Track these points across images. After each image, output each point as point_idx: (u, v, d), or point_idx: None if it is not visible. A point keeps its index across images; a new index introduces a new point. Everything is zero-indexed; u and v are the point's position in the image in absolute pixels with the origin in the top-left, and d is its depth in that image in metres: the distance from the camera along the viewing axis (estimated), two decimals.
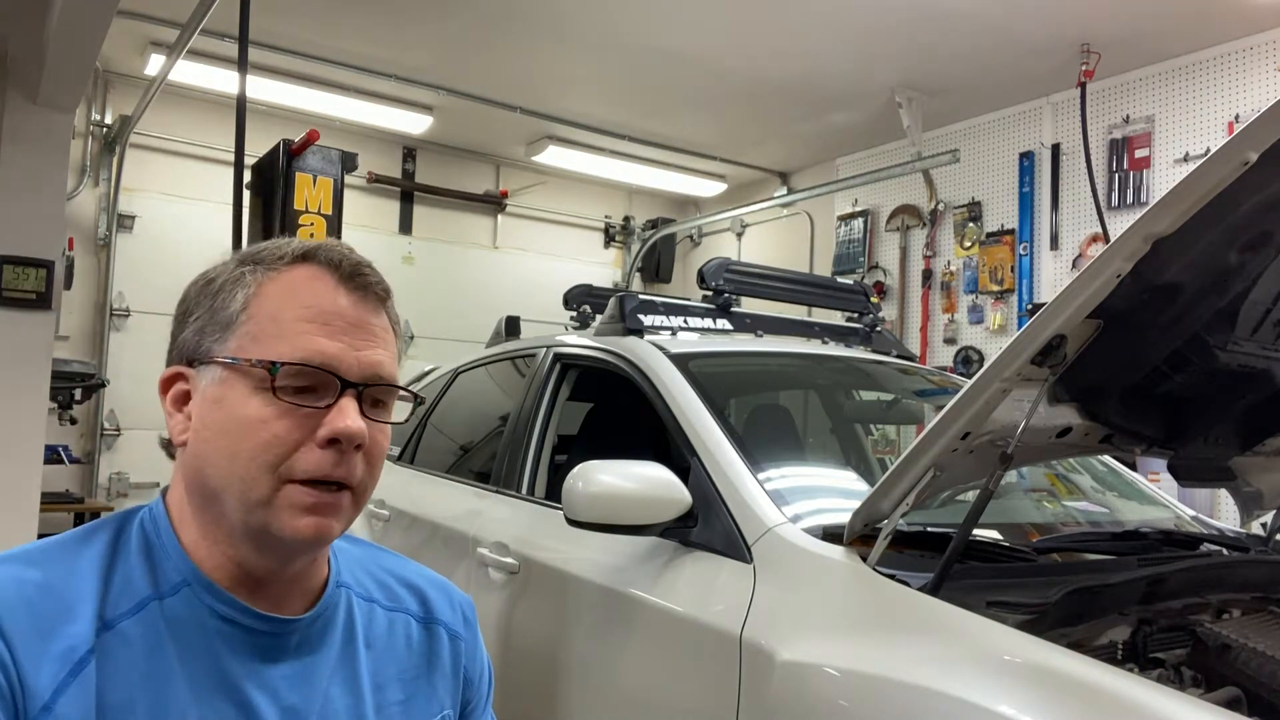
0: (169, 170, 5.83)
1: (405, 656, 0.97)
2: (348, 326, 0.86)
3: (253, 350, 0.83)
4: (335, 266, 0.88)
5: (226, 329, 0.85)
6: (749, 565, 1.66)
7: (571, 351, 2.64)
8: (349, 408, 0.83)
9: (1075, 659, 1.21)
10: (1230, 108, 4.51)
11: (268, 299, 0.86)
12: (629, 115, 6.00)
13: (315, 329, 0.84)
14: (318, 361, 0.83)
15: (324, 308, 0.86)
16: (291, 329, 0.84)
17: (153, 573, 0.84)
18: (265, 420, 0.81)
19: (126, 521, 0.88)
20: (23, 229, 3.84)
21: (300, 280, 0.87)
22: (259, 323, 0.85)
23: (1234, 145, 1.12)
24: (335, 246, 0.90)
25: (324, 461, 0.82)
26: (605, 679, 1.87)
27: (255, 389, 0.82)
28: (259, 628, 0.85)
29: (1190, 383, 1.56)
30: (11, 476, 3.77)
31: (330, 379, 0.83)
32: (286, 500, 0.81)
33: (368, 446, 0.85)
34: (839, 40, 4.69)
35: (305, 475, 0.82)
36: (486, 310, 5.15)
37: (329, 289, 0.87)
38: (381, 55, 5.21)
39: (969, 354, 5.49)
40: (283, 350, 0.83)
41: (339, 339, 0.85)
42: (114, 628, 0.79)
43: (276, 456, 0.81)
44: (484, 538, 2.40)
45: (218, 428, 0.83)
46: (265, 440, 0.81)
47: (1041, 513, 2.33)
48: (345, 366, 0.84)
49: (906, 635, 1.37)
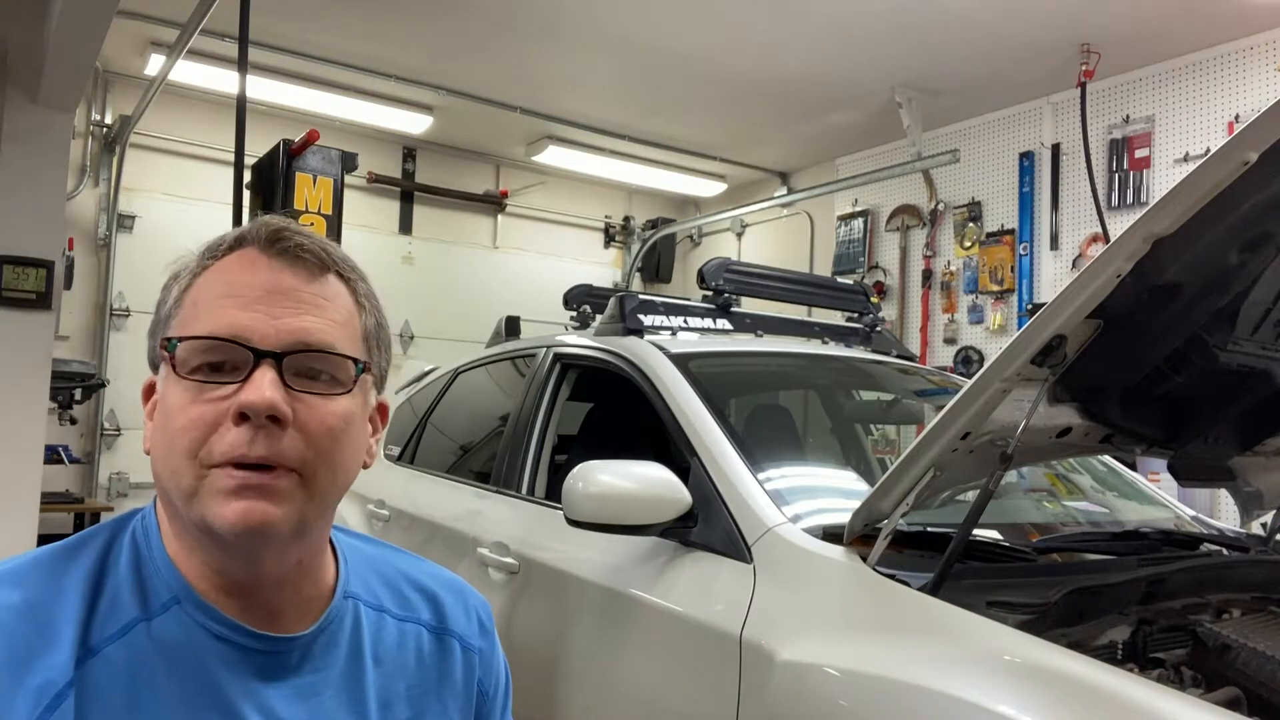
0: (169, 170, 5.83)
1: (415, 672, 0.91)
2: (265, 295, 0.79)
3: (174, 335, 0.80)
4: (257, 237, 0.82)
5: (164, 326, 0.82)
6: (749, 565, 1.66)
7: (571, 351, 2.64)
8: (259, 378, 0.76)
9: (1075, 659, 1.21)
10: (1230, 108, 4.51)
11: (197, 288, 0.81)
12: (629, 115, 6.00)
13: (229, 303, 0.78)
14: (223, 333, 0.77)
15: (241, 281, 0.80)
16: (208, 308, 0.79)
17: (141, 590, 0.79)
18: (182, 406, 0.77)
19: (119, 531, 0.83)
20: (23, 229, 3.84)
21: (230, 263, 0.82)
22: (184, 310, 0.81)
23: (1234, 145, 1.12)
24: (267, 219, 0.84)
25: (239, 440, 0.75)
26: (605, 679, 1.87)
27: (177, 378, 0.78)
28: (255, 646, 0.80)
29: (1190, 383, 1.56)
30: (11, 476, 3.78)
31: (242, 351, 0.77)
32: (210, 487, 0.75)
33: (302, 422, 0.77)
34: (839, 40, 4.69)
35: (223, 457, 0.75)
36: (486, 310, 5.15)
37: (251, 262, 0.81)
38: (381, 55, 5.21)
39: (969, 354, 5.49)
40: (191, 329, 0.78)
41: (252, 308, 0.78)
42: (98, 653, 0.74)
43: (193, 441, 0.75)
44: (484, 538, 2.40)
45: (159, 424, 0.80)
46: (182, 426, 0.76)
47: (1041, 513, 2.33)
48: (259, 335, 0.77)
49: (906, 635, 1.37)
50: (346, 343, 0.83)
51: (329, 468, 0.80)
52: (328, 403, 0.80)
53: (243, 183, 3.50)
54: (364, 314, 0.86)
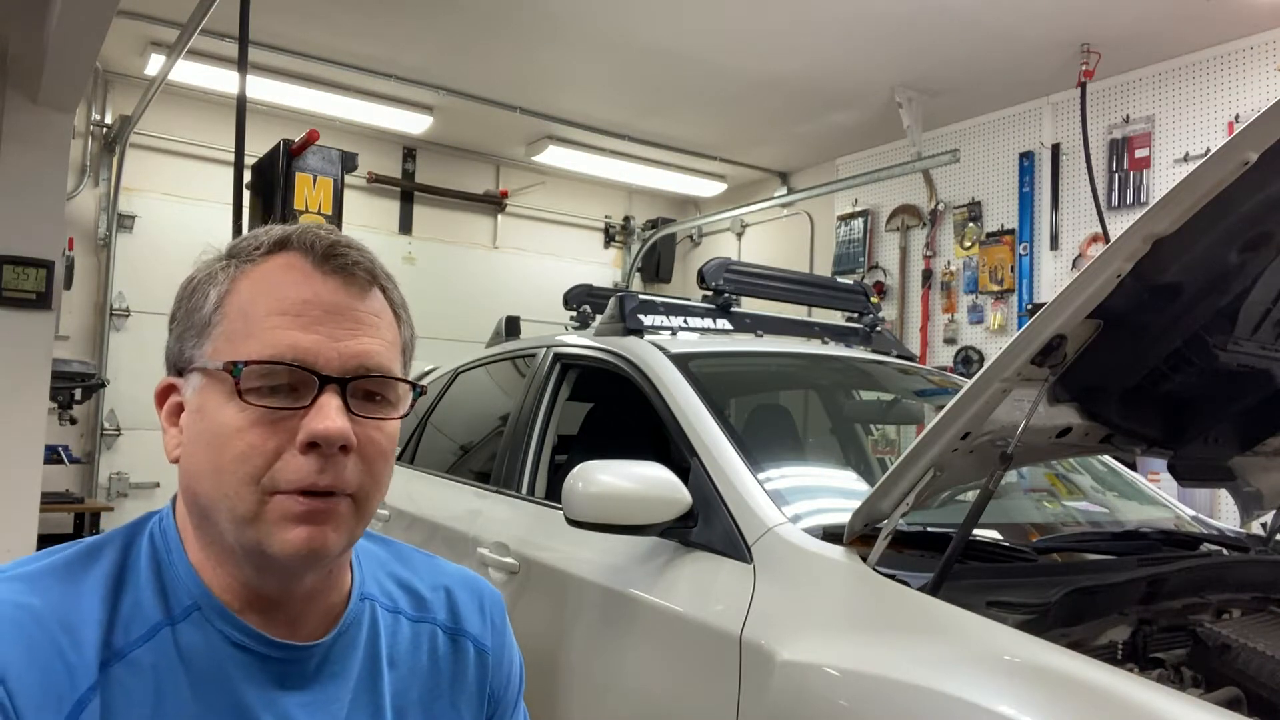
0: (169, 170, 5.83)
1: (429, 675, 0.91)
2: (324, 315, 0.77)
3: (226, 352, 0.76)
4: (309, 249, 0.79)
5: (202, 332, 0.78)
6: (749, 565, 1.66)
7: (571, 351, 2.64)
8: (328, 405, 0.74)
9: (1075, 659, 1.21)
10: (1230, 108, 4.51)
11: (240, 295, 0.78)
12: (629, 115, 6.00)
13: (286, 321, 0.76)
14: (288, 357, 0.75)
15: (297, 297, 0.77)
16: (261, 325, 0.76)
17: (163, 595, 0.77)
18: (241, 429, 0.74)
19: (135, 535, 0.81)
20: (23, 229, 3.84)
21: (274, 270, 0.79)
22: (231, 322, 0.77)
23: (1234, 145, 1.11)
24: (313, 229, 0.81)
25: (307, 469, 0.74)
26: (605, 679, 1.87)
27: (229, 395, 0.75)
28: (275, 655, 0.79)
29: (1190, 383, 1.55)
30: (11, 476, 3.78)
31: (306, 376, 0.75)
32: (274, 513, 0.74)
33: (361, 447, 0.77)
34: (839, 40, 4.69)
35: (290, 486, 0.74)
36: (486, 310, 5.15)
37: (303, 275, 0.78)
38: (381, 55, 5.21)
39: (969, 354, 5.49)
40: (251, 349, 0.75)
41: (314, 330, 0.76)
42: (125, 657, 0.73)
43: (256, 468, 0.74)
44: (484, 538, 2.40)
45: (201, 441, 0.77)
46: (242, 451, 0.74)
47: (1041, 513, 2.33)
48: (323, 360, 0.76)
49: (906, 635, 1.37)
50: (396, 360, 0.82)
51: (379, 488, 0.80)
52: (383, 426, 0.80)
53: (243, 183, 3.50)
54: (402, 325, 0.86)
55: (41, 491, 3.92)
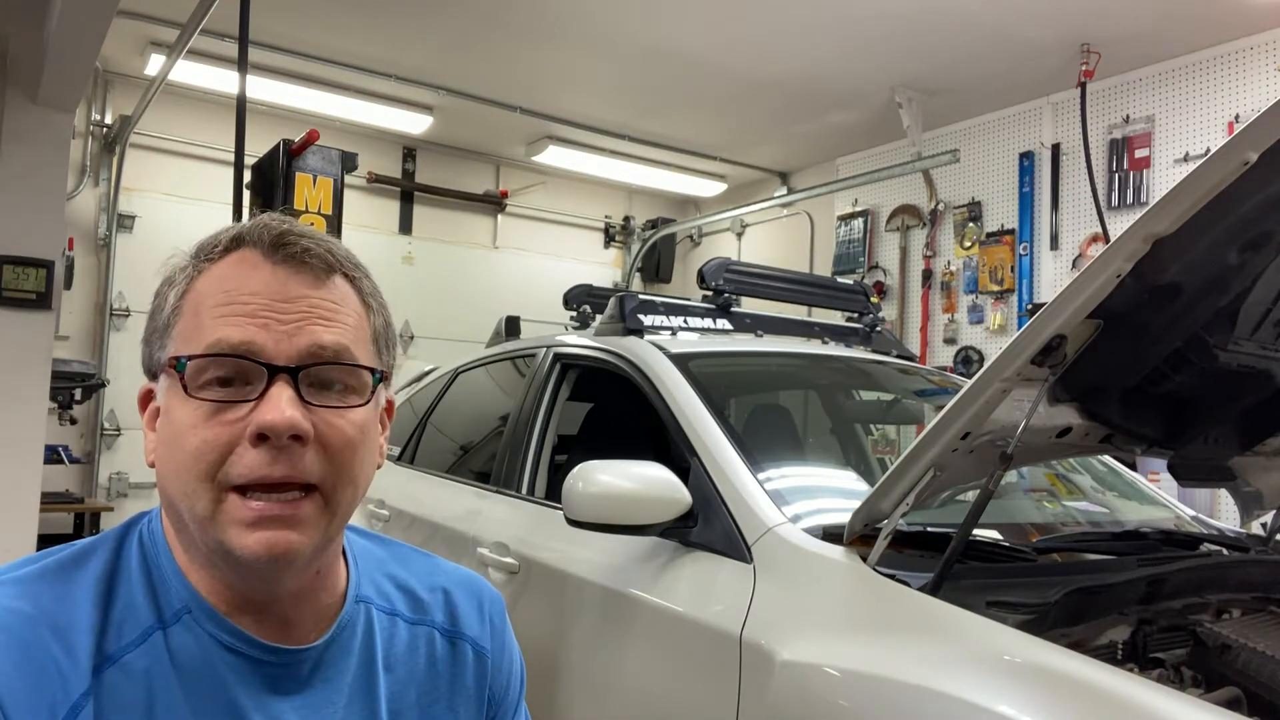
0: (169, 170, 5.83)
1: (426, 678, 0.90)
2: (271, 303, 0.75)
3: (179, 351, 0.75)
4: (260, 240, 0.77)
5: (164, 334, 0.78)
6: (749, 565, 1.66)
7: (571, 351, 2.64)
8: (278, 396, 0.72)
9: (1075, 659, 1.21)
10: (1230, 108, 4.51)
11: (195, 294, 0.77)
12: (629, 115, 6.00)
13: (232, 312, 0.74)
14: (227, 348, 0.73)
15: (244, 289, 0.75)
16: (208, 319, 0.75)
17: (154, 598, 0.77)
18: (194, 425, 0.73)
19: (125, 538, 0.80)
20: (23, 229, 3.84)
21: (228, 266, 0.77)
22: (185, 320, 0.76)
23: (1234, 145, 1.11)
24: (267, 221, 0.79)
25: (259, 461, 0.72)
26: (605, 679, 1.87)
27: (184, 394, 0.74)
28: (268, 659, 0.78)
29: (1190, 383, 1.55)
30: (11, 476, 3.78)
31: (254, 367, 0.73)
32: (229, 515, 0.73)
33: (321, 436, 0.75)
34: (839, 40, 4.69)
35: (242, 479, 0.72)
36: (486, 310, 5.15)
37: (253, 268, 0.77)
38: (381, 55, 5.21)
39: (969, 354, 5.49)
40: (197, 344, 0.74)
41: (259, 318, 0.74)
42: (117, 661, 0.73)
43: (210, 464, 0.72)
44: (484, 538, 2.40)
45: (165, 441, 0.76)
46: (196, 447, 0.72)
47: (1041, 513, 2.33)
48: (271, 349, 0.74)
49: (906, 635, 1.37)
50: (359, 348, 0.80)
51: (349, 480, 0.78)
52: (345, 414, 0.77)
53: (243, 183, 3.50)
54: (372, 314, 0.84)
55: (41, 491, 3.92)
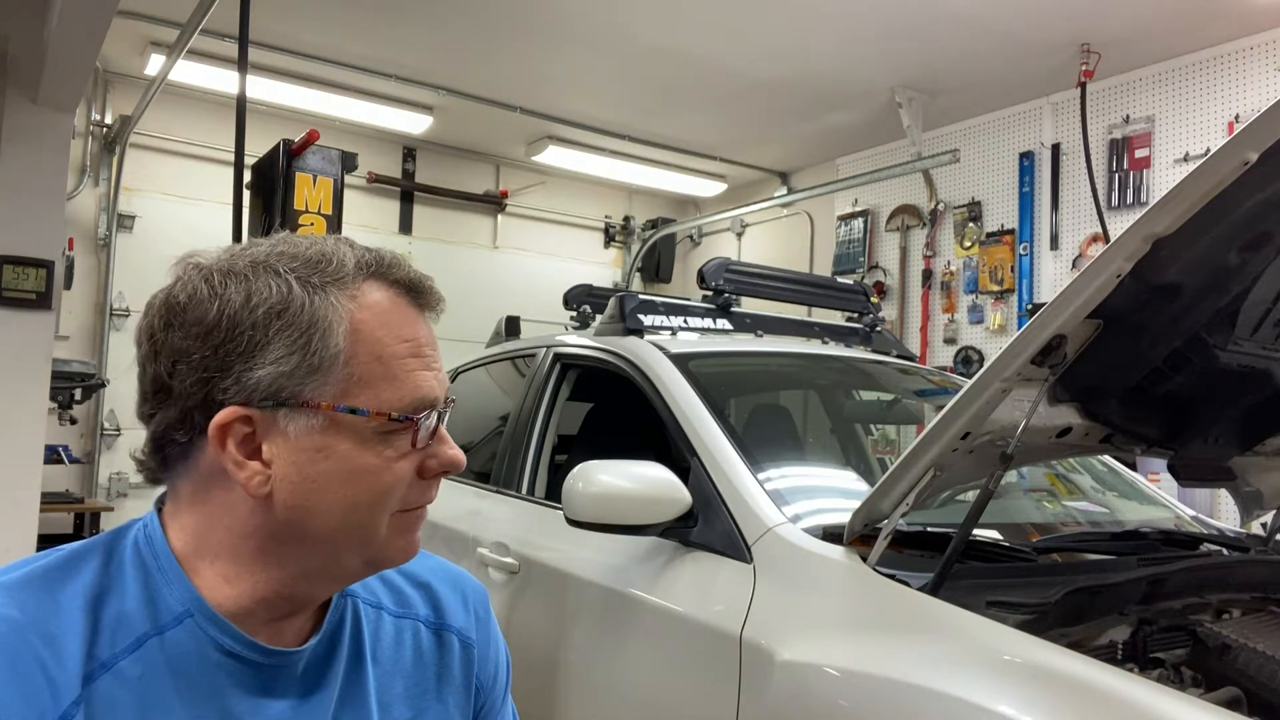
0: (169, 170, 5.83)
1: (413, 670, 0.92)
2: (434, 355, 0.83)
3: (363, 396, 0.77)
4: (412, 288, 0.84)
5: (323, 371, 0.76)
6: (749, 565, 1.66)
7: (571, 351, 2.64)
8: (448, 436, 0.84)
9: (1075, 659, 1.21)
10: (1230, 108, 4.51)
11: (364, 334, 0.78)
12: (629, 115, 6.00)
13: (418, 365, 0.81)
14: (431, 404, 0.81)
15: (416, 337, 0.82)
16: (399, 370, 0.80)
17: (151, 604, 0.77)
18: (387, 465, 0.79)
19: (117, 543, 0.80)
20: (23, 229, 3.84)
21: (386, 307, 0.81)
22: (362, 364, 0.78)
23: (1234, 145, 1.11)
24: (397, 260, 0.85)
25: (428, 491, 0.83)
26: (605, 679, 1.87)
27: (370, 435, 0.78)
28: (265, 661, 0.80)
29: (1190, 383, 1.56)
30: (11, 476, 3.77)
31: (432, 412, 0.82)
32: (394, 528, 0.81)
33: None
34: (839, 40, 4.69)
35: (414, 505, 0.82)
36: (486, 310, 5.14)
37: (412, 315, 0.83)
38: (381, 55, 5.21)
39: (969, 354, 5.49)
40: (397, 395, 0.79)
41: (433, 370, 0.82)
42: (110, 669, 0.73)
43: (398, 497, 0.80)
44: (484, 538, 2.40)
45: (328, 479, 0.77)
46: (389, 485, 0.79)
47: (1041, 513, 2.33)
48: (441, 397, 0.83)
49: (906, 635, 1.37)
50: None
51: None
52: None
53: (243, 183, 3.50)
54: None
55: (41, 491, 3.92)
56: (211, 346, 0.75)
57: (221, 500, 0.78)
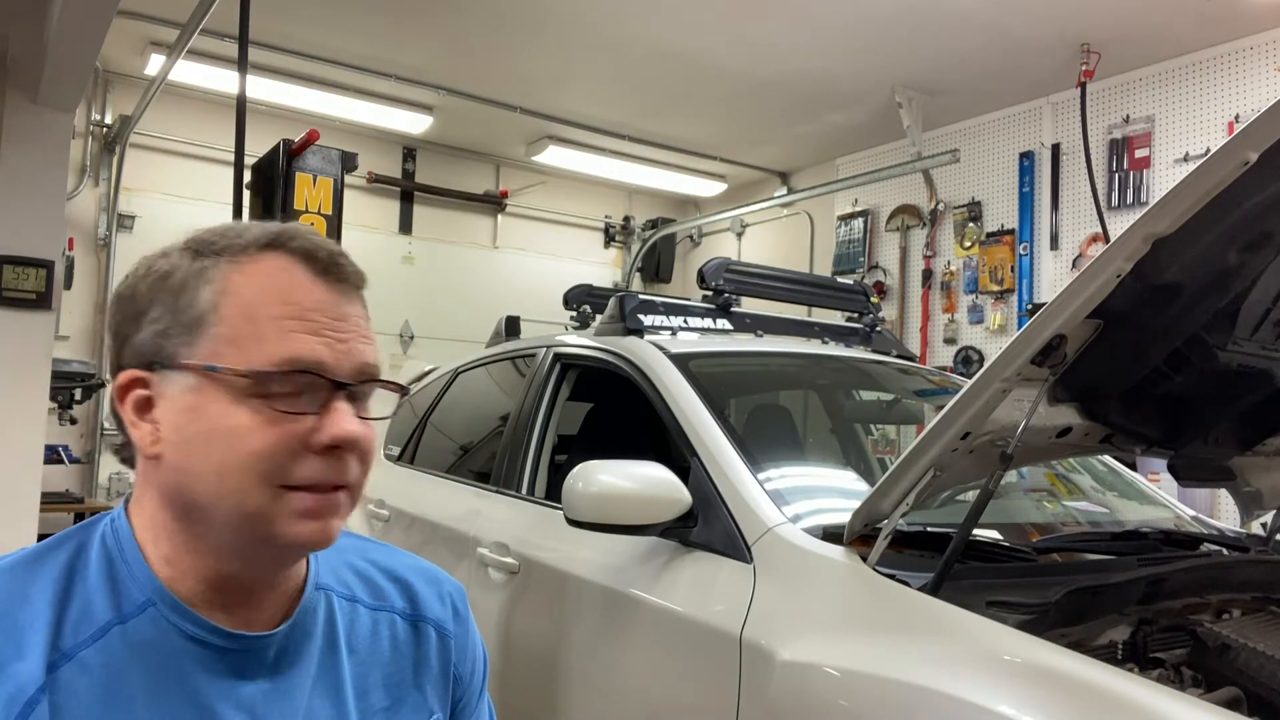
0: (169, 170, 5.84)
1: (390, 660, 0.93)
2: (330, 322, 0.80)
3: (229, 355, 0.77)
4: (309, 256, 0.82)
5: (194, 331, 0.79)
6: (749, 565, 1.66)
7: (571, 351, 2.64)
8: (345, 411, 0.79)
9: (1075, 659, 1.21)
10: (1230, 108, 4.51)
11: (238, 295, 0.79)
12: (629, 115, 6.00)
13: (298, 327, 0.79)
14: (305, 365, 0.78)
15: (304, 303, 0.80)
16: (271, 329, 0.78)
17: (115, 594, 0.78)
18: (254, 429, 0.76)
19: (86, 537, 0.82)
20: (23, 229, 3.84)
21: (272, 272, 0.81)
22: (232, 324, 0.78)
23: (1234, 145, 1.11)
24: (303, 232, 0.83)
25: (323, 469, 0.78)
26: (605, 679, 1.87)
27: (239, 398, 0.76)
28: (230, 646, 0.80)
29: (1190, 383, 1.55)
30: (11, 476, 3.78)
31: (320, 381, 0.78)
32: (286, 508, 0.77)
33: (363, 447, 0.81)
34: (839, 40, 4.69)
35: (306, 481, 0.78)
36: (486, 310, 5.15)
37: (305, 281, 0.81)
38: (381, 55, 5.21)
39: (969, 354, 5.49)
40: (265, 353, 0.77)
41: (323, 336, 0.79)
42: (73, 658, 0.74)
43: (276, 465, 0.76)
44: (484, 538, 2.40)
45: (200, 440, 0.77)
46: (257, 450, 0.76)
47: (1041, 513, 2.33)
48: (334, 366, 0.79)
49: (906, 635, 1.37)
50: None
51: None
52: (372, 425, 0.84)
53: (243, 183, 3.50)
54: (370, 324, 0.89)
55: (41, 491, 3.92)
56: (118, 318, 0.84)
57: (141, 470, 0.82)
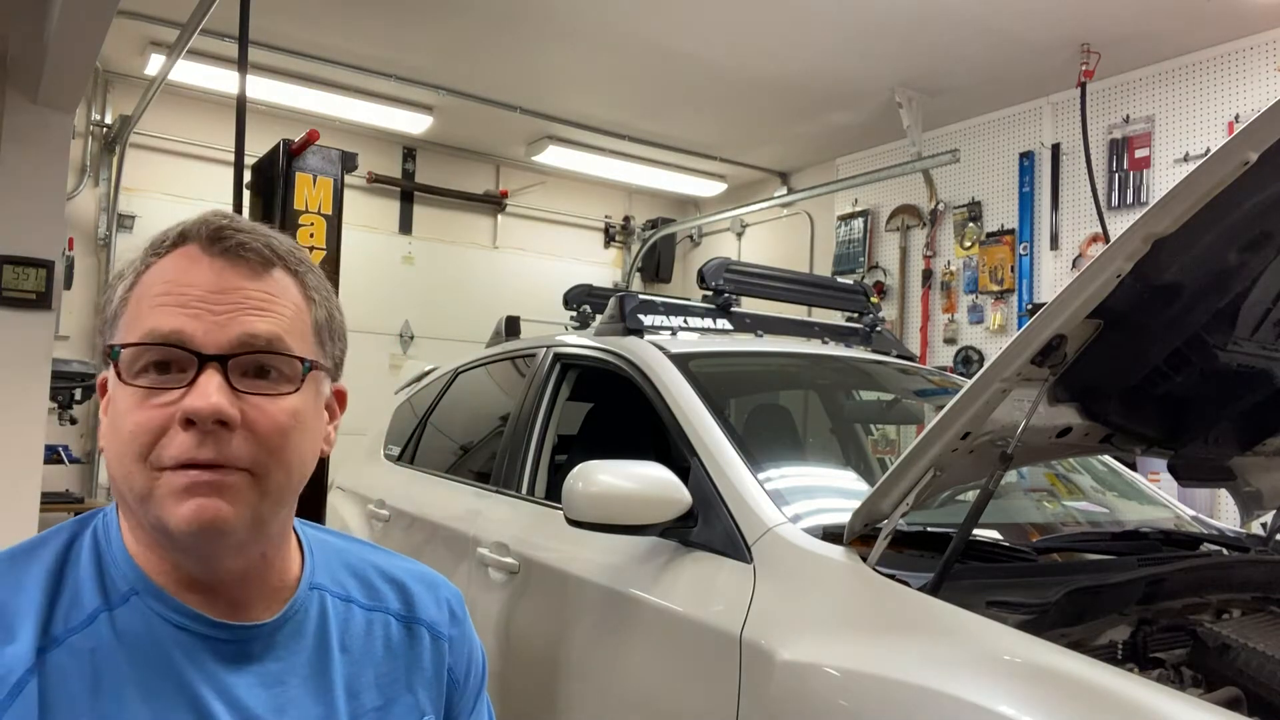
0: (169, 170, 5.83)
1: (384, 660, 0.92)
2: (206, 295, 0.79)
3: (114, 339, 0.80)
4: (213, 239, 0.81)
5: (111, 325, 0.82)
6: (749, 565, 1.66)
7: (571, 351, 2.64)
8: (206, 383, 0.76)
9: (1075, 659, 1.21)
10: (1230, 108, 4.51)
11: (140, 286, 0.81)
12: (629, 115, 6.00)
13: (167, 302, 0.78)
14: (159, 338, 0.77)
15: (182, 280, 0.79)
16: (146, 308, 0.79)
17: (102, 582, 0.80)
18: (129, 409, 0.77)
19: (80, 530, 0.84)
20: (23, 229, 3.84)
21: (173, 260, 0.81)
22: (129, 311, 0.80)
23: (1234, 145, 1.11)
24: (209, 216, 0.83)
25: (187, 444, 0.75)
26: (605, 679, 1.87)
27: (123, 382, 0.78)
28: (216, 635, 0.81)
29: (1190, 383, 1.55)
30: (11, 476, 3.78)
31: (184, 355, 0.77)
32: (163, 489, 0.76)
33: (251, 422, 0.78)
34: (839, 40, 4.69)
35: (172, 461, 0.76)
36: (486, 310, 5.15)
37: (192, 260, 0.80)
38: (381, 55, 5.21)
39: (969, 354, 5.49)
40: (133, 334, 0.78)
41: (192, 308, 0.78)
42: (63, 643, 0.76)
43: (143, 446, 0.76)
44: (484, 538, 2.40)
45: (108, 428, 0.80)
46: (130, 431, 0.77)
47: (1041, 513, 2.33)
48: (200, 338, 0.77)
49: (906, 635, 1.37)
50: (295, 338, 0.82)
51: (280, 464, 0.80)
52: (276, 401, 0.80)
53: (243, 183, 3.50)
54: (314, 307, 0.86)
55: (41, 491, 3.92)
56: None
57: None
